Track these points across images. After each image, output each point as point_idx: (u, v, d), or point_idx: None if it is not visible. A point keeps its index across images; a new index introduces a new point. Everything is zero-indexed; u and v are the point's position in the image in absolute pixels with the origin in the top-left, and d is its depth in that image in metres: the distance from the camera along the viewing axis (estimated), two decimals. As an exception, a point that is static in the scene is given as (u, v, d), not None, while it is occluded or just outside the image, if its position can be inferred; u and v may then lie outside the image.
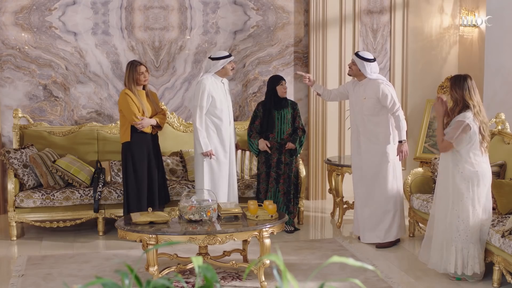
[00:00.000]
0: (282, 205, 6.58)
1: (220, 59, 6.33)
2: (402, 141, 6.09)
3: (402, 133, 6.09)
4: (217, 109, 6.32)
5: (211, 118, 6.32)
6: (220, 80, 6.41)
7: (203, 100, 6.26)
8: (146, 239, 5.00)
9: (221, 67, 6.33)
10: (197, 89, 6.31)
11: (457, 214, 5.17)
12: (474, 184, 5.15)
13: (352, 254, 5.98)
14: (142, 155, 6.23)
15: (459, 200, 5.17)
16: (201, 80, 6.33)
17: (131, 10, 7.58)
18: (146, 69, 6.30)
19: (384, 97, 6.05)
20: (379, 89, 6.07)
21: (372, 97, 6.10)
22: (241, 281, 5.30)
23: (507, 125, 6.50)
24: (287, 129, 6.63)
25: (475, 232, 5.17)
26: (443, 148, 5.17)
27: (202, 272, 1.92)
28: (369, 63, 6.14)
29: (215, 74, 6.36)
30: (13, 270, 5.60)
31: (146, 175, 6.25)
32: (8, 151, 6.63)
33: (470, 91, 5.17)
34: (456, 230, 5.18)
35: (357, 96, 6.23)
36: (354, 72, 6.23)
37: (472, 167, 5.14)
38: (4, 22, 7.30)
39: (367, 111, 6.14)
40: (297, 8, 7.97)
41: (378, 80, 6.16)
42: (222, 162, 6.39)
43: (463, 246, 5.18)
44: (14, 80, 7.38)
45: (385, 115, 6.13)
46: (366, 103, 6.13)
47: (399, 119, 6.07)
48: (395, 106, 6.08)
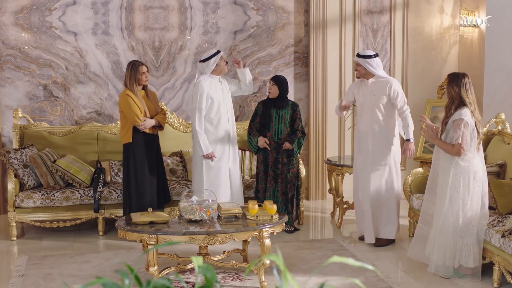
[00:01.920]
0: (281, 205, 6.58)
1: (210, 58, 6.32)
2: (409, 139, 6.11)
3: (410, 132, 6.12)
4: (215, 110, 6.32)
5: (210, 119, 6.31)
6: (218, 79, 6.41)
7: (202, 103, 6.25)
8: (146, 239, 5.00)
9: (215, 65, 6.32)
10: (195, 91, 6.30)
11: (450, 208, 5.22)
12: (466, 180, 5.22)
13: (352, 254, 5.98)
14: (143, 155, 6.23)
15: (451, 195, 5.22)
16: (198, 82, 6.31)
17: (131, 10, 7.58)
18: (147, 69, 6.30)
19: (395, 95, 6.06)
20: (391, 87, 6.07)
21: (383, 95, 6.09)
22: (241, 281, 5.30)
23: (507, 125, 6.51)
24: (285, 129, 6.63)
25: (465, 227, 5.22)
26: (457, 152, 5.19)
27: (202, 272, 1.92)
28: (371, 59, 6.14)
29: (211, 74, 6.36)
30: (13, 270, 5.60)
31: (147, 176, 6.25)
32: (8, 151, 6.63)
33: (467, 88, 5.24)
34: (448, 224, 5.23)
35: (365, 94, 6.20)
36: (361, 73, 6.21)
37: (464, 163, 5.20)
38: (4, 22, 7.30)
39: (376, 108, 6.13)
40: (297, 8, 7.97)
41: (388, 78, 6.19)
42: (221, 162, 6.38)
43: (454, 240, 5.22)
44: (14, 80, 7.38)
45: (393, 116, 6.13)
46: (376, 100, 6.11)
47: (407, 118, 6.10)
48: (405, 106, 6.11)
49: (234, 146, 6.50)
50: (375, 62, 6.14)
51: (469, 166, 5.22)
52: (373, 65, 6.12)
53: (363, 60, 6.13)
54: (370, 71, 6.14)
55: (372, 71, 6.14)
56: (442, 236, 5.27)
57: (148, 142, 6.28)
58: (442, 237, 5.27)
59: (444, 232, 5.26)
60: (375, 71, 6.14)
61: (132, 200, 6.22)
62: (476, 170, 5.24)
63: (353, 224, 6.97)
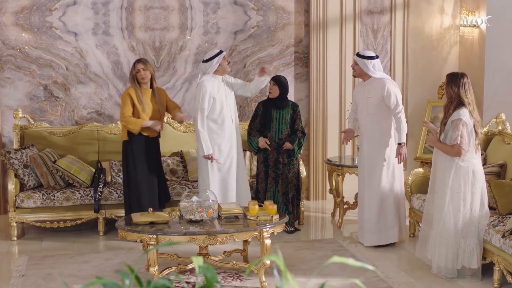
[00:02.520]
0: (282, 205, 6.58)
1: (213, 58, 6.32)
2: (401, 143, 6.06)
3: (402, 136, 6.05)
4: (218, 110, 6.32)
5: (213, 118, 6.31)
6: (220, 79, 6.41)
7: (204, 103, 6.24)
8: (146, 239, 5.00)
9: (217, 65, 6.32)
10: (197, 91, 6.30)
11: (450, 209, 5.21)
12: (467, 180, 5.21)
13: (352, 254, 5.98)
14: (142, 155, 6.23)
15: (452, 195, 5.22)
16: (201, 82, 6.31)
17: (131, 10, 7.58)
18: (143, 67, 6.18)
19: (388, 96, 6.02)
20: (385, 87, 6.03)
21: (377, 96, 6.05)
22: (242, 281, 5.30)
23: (507, 125, 6.51)
24: (285, 130, 6.63)
25: (466, 227, 5.22)
26: (458, 153, 5.18)
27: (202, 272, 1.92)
28: (370, 60, 6.11)
29: (214, 74, 6.36)
30: (14, 270, 5.60)
31: (146, 175, 6.24)
32: (8, 151, 6.63)
33: (466, 88, 5.24)
34: (449, 225, 5.22)
35: (362, 95, 6.20)
36: (357, 73, 6.21)
37: (464, 163, 5.20)
38: (5, 22, 7.30)
39: (371, 110, 6.11)
40: (297, 9, 7.97)
41: (384, 79, 6.12)
42: (227, 162, 6.38)
43: (455, 241, 5.22)
44: (14, 81, 7.38)
45: (389, 117, 6.11)
46: (371, 101, 6.10)
47: (400, 121, 6.04)
48: (398, 108, 6.04)
49: (239, 145, 6.50)
50: (372, 63, 6.10)
51: (469, 166, 5.22)
52: (369, 66, 6.09)
53: (361, 60, 6.12)
54: (365, 72, 6.13)
55: (367, 72, 6.12)
56: (444, 238, 5.27)
57: (148, 142, 6.27)
58: (444, 239, 5.27)
59: (445, 233, 5.26)
60: (370, 73, 6.10)
61: (132, 200, 6.22)
62: (476, 170, 5.25)
63: (353, 225, 6.97)
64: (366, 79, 6.17)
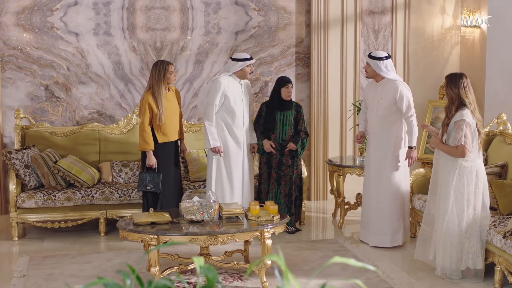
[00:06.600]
0: (284, 207, 6.58)
1: (239, 60, 6.35)
2: (412, 147, 6.06)
3: (413, 139, 6.04)
4: (229, 108, 6.33)
5: (223, 116, 6.34)
6: (238, 81, 6.42)
7: (216, 98, 6.28)
8: (147, 239, 5.01)
9: (240, 69, 6.35)
10: (212, 86, 6.34)
11: (454, 210, 5.21)
12: (470, 181, 5.20)
13: (353, 254, 5.98)
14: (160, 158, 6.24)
15: (456, 196, 5.21)
16: (217, 78, 6.37)
17: (132, 10, 7.58)
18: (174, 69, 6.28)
19: (400, 98, 6.00)
20: (398, 90, 6.01)
21: (389, 98, 6.03)
22: (243, 282, 5.30)
23: (508, 125, 6.50)
24: (289, 131, 6.63)
25: (470, 227, 5.21)
26: (462, 154, 5.17)
27: (203, 272, 1.92)
28: (382, 61, 6.08)
29: (233, 74, 6.39)
30: (15, 270, 5.61)
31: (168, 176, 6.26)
32: (9, 152, 6.63)
33: (466, 89, 5.24)
34: (453, 226, 5.21)
35: (374, 96, 6.17)
36: (370, 74, 6.18)
37: (467, 164, 5.19)
38: (6, 23, 7.31)
39: (382, 112, 6.09)
40: (298, 9, 7.97)
41: (397, 81, 6.10)
42: (234, 162, 6.38)
43: (459, 242, 5.21)
44: (15, 81, 7.39)
45: (398, 119, 6.09)
46: (383, 103, 6.08)
47: (412, 124, 6.02)
48: (410, 111, 6.02)
49: (248, 146, 6.52)
50: (384, 64, 6.07)
51: (472, 166, 5.21)
52: (381, 67, 6.07)
53: (373, 61, 6.09)
54: (378, 73, 6.11)
55: (380, 73, 6.10)
56: (448, 239, 5.25)
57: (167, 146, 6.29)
58: (448, 240, 5.25)
59: (449, 234, 5.24)
60: (384, 74, 6.08)
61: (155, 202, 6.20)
62: (479, 170, 5.24)
63: (354, 225, 6.97)
64: (379, 80, 6.15)
